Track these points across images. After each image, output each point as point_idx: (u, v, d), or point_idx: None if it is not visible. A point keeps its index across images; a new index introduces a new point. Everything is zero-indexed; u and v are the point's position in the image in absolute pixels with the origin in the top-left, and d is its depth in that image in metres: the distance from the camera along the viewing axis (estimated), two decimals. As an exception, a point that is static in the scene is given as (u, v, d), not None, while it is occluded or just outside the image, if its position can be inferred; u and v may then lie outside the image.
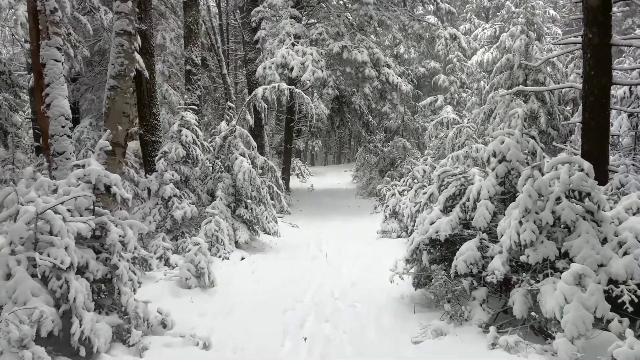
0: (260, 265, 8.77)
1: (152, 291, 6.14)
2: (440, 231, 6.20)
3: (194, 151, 10.16)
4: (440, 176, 7.23)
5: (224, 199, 10.09)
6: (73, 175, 4.84)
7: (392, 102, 18.17)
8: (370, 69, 17.20)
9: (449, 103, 25.39)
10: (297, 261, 9.41)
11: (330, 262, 9.35)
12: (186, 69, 14.59)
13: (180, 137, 9.97)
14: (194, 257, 6.59)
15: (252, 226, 11.04)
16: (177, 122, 10.11)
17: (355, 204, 20.13)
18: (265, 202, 10.76)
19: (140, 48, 11.95)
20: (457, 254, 5.77)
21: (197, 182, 10.72)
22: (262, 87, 10.66)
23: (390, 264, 8.95)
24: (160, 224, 9.58)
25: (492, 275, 5.09)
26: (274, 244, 11.21)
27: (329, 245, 11.35)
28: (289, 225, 14.33)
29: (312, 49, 16.71)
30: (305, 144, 37.40)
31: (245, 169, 9.82)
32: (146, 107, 12.55)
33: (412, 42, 20.24)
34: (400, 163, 21.97)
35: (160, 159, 9.76)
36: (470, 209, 6.17)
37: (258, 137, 19.63)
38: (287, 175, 21.75)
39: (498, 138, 6.05)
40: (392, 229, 11.88)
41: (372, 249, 10.68)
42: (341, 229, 13.97)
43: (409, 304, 6.66)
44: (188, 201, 9.80)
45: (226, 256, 8.92)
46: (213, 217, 8.91)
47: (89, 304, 4.41)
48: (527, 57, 17.23)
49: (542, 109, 16.68)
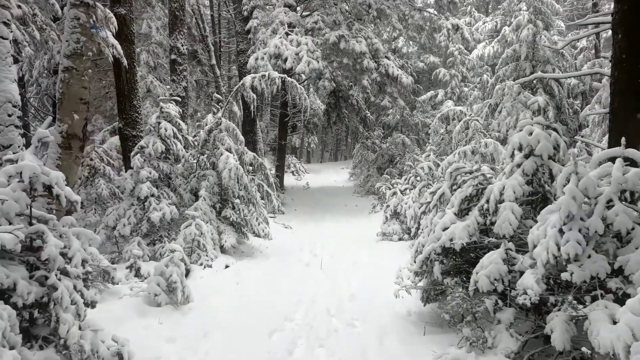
0: (246, 274, 7.78)
1: (113, 311, 5.15)
2: (456, 239, 5.23)
3: (175, 146, 9.18)
4: (453, 174, 6.26)
5: (208, 199, 9.10)
6: (2, 173, 3.85)
7: (392, 96, 17.19)
8: (369, 60, 16.21)
9: (450, 98, 24.47)
10: (288, 268, 8.43)
11: (326, 270, 8.37)
12: (171, 58, 13.56)
13: (159, 130, 8.98)
14: (164, 268, 5.60)
15: (241, 228, 10.05)
16: (156, 113, 9.10)
17: (353, 202, 19.16)
18: (255, 202, 9.78)
19: (118, 33, 10.92)
20: (478, 267, 4.80)
21: (179, 180, 9.74)
22: (251, 76, 9.66)
23: (392, 271, 7.99)
24: (136, 227, 8.59)
25: (524, 296, 4.12)
26: (264, 248, 10.22)
27: (324, 250, 10.38)
28: (282, 226, 13.36)
29: (307, 38, 15.70)
30: (301, 141, 36.38)
31: (231, 166, 8.83)
32: (126, 98, 11.55)
33: (413, 33, 19.24)
34: (400, 160, 21.03)
35: (136, 155, 8.76)
36: (491, 212, 5.20)
37: (250, 132, 18.63)
38: (281, 173, 20.76)
39: (525, 128, 5.08)
40: (394, 231, 10.92)
41: (372, 253, 9.71)
42: (338, 230, 13.00)
43: (417, 322, 5.70)
44: (167, 201, 8.82)
45: (208, 264, 7.93)
46: (194, 220, 7.92)
47: (13, 338, 3.42)
48: (534, 48, 16.27)
49: (551, 102, 15.72)
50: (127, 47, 11.46)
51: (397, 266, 8.24)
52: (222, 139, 9.32)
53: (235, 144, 9.54)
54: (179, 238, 7.85)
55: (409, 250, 9.71)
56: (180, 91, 13.41)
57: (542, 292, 4.11)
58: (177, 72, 13.48)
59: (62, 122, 5.27)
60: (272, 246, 10.57)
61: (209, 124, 9.68)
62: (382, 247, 10.20)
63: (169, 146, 9.13)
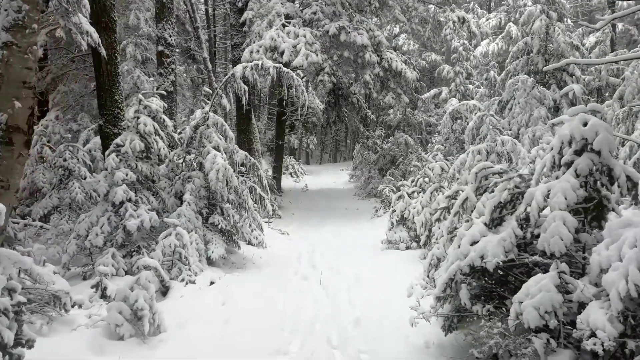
0: (234, 292, 6.73)
1: (60, 348, 4.11)
2: (488, 256, 4.19)
3: (156, 144, 8.14)
4: (479, 175, 5.23)
5: (193, 204, 8.05)
6: None
7: (396, 92, 16.17)
8: (371, 54, 15.17)
9: (454, 95, 23.46)
10: (283, 284, 7.38)
11: (326, 285, 7.33)
12: (158, 49, 12.53)
13: (137, 126, 7.94)
14: (128, 292, 4.56)
15: (231, 237, 9.02)
16: (134, 107, 8.07)
17: (354, 205, 18.12)
18: (247, 207, 8.74)
19: (97, 21, 9.95)
20: (521, 294, 3.76)
21: (164, 182, 8.70)
22: (242, 65, 8.62)
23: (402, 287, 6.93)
24: (110, 236, 7.55)
25: (593, 340, 3.08)
26: (257, 258, 9.18)
27: (324, 259, 9.34)
28: (278, 232, 12.32)
29: (305, 30, 14.68)
30: (300, 142, 35.33)
31: (219, 166, 7.78)
32: (107, 93, 10.53)
33: (417, 26, 18.23)
34: (403, 161, 20.03)
35: (111, 154, 7.72)
36: (533, 224, 4.17)
37: (245, 131, 17.58)
38: (278, 174, 19.71)
39: (578, 117, 4.04)
40: (400, 238, 9.88)
41: (377, 264, 8.67)
42: (338, 236, 11.96)
43: (438, 357, 4.66)
44: (147, 207, 7.78)
45: (191, 279, 6.88)
46: (174, 229, 6.87)
47: None
48: (547, 40, 15.25)
49: (565, 98, 14.70)
50: (108, 36, 10.45)
51: (407, 280, 7.21)
52: (209, 136, 8.28)
53: (225, 141, 8.49)
54: (157, 250, 6.81)
55: (419, 261, 8.68)
56: (167, 85, 12.38)
57: (618, 334, 3.07)
58: (165, 65, 12.45)
59: (1, 111, 4.23)
60: (267, 255, 9.53)
61: (195, 119, 8.65)
62: (388, 257, 9.16)
63: (150, 144, 8.10)
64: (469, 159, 9.45)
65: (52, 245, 8.64)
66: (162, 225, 8.01)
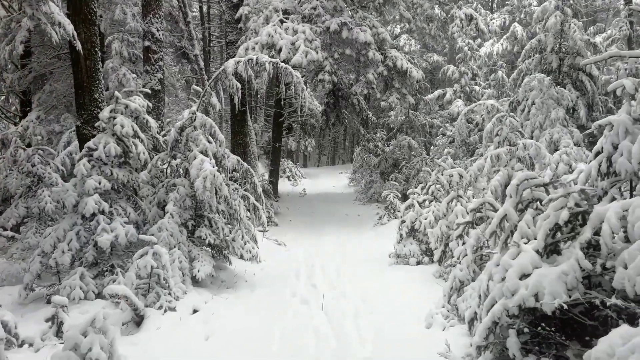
0: (221, 322, 5.72)
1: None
2: (545, 295, 3.21)
3: (135, 148, 7.14)
4: (520, 187, 4.25)
5: (176, 216, 7.05)
6: None
7: (400, 92, 15.20)
8: (375, 52, 14.20)
9: (459, 97, 22.54)
10: (279, 310, 6.37)
11: (329, 311, 6.32)
12: (144, 45, 11.53)
13: (113, 127, 6.94)
14: (79, 339, 3.55)
15: (221, 251, 8.04)
16: (110, 106, 7.08)
17: (355, 211, 17.15)
18: (238, 218, 7.74)
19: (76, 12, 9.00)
20: (600, 352, 2.78)
21: (147, 189, 7.72)
22: (234, 60, 7.63)
23: (418, 314, 5.97)
24: (80, 254, 6.54)
25: None
26: (250, 275, 8.19)
27: (325, 275, 8.34)
28: (274, 242, 11.33)
29: (304, 26, 13.71)
30: (298, 144, 34.29)
31: (206, 173, 6.78)
32: (85, 91, 9.55)
33: (422, 23, 17.26)
34: (406, 164, 19.09)
35: (81, 160, 6.72)
36: (605, 254, 3.19)
37: (240, 133, 16.62)
38: (275, 178, 18.72)
39: None
40: (410, 252, 8.89)
41: (386, 283, 7.67)
42: (340, 247, 10.96)
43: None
44: (123, 220, 6.77)
45: (171, 306, 5.87)
46: (151, 247, 5.86)
47: None
48: (562, 37, 14.31)
49: (581, 99, 13.76)
50: (87, 28, 9.47)
51: (422, 304, 6.25)
52: (196, 139, 7.28)
53: (215, 144, 7.50)
54: (130, 272, 5.80)
55: (433, 279, 7.70)
56: (154, 84, 11.38)
57: None
58: (152, 62, 11.45)
59: None
60: (261, 271, 8.54)
61: (181, 120, 7.65)
62: (397, 274, 8.16)
63: (128, 148, 7.10)
64: (487, 165, 8.48)
65: (18, 259, 7.65)
66: (141, 241, 7.02)
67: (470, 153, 19.45)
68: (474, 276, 5.85)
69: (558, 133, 11.89)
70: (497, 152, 8.65)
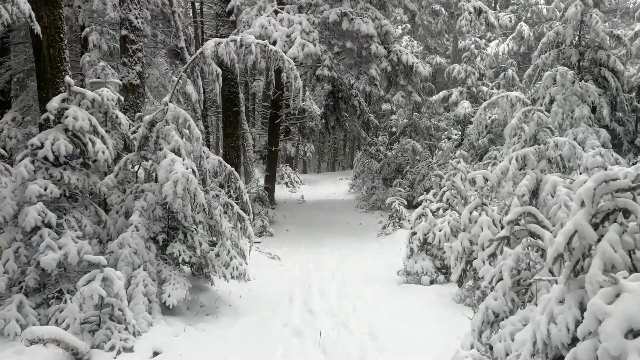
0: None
1: None
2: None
3: (93, 146, 5.89)
4: (597, 192, 2.99)
5: (143, 229, 5.79)
6: None
7: (406, 90, 13.97)
8: (378, 45, 13.02)
9: (465, 98, 21.34)
10: (267, 347, 5.09)
11: (328, 349, 5.04)
12: (121, 34, 10.30)
13: (63, 121, 5.70)
14: None
15: (201, 270, 6.77)
16: (60, 95, 5.85)
17: (356, 219, 15.91)
18: (220, 230, 6.48)
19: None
20: None
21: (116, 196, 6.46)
22: (214, 41, 6.42)
23: (442, 352, 4.71)
24: (19, 277, 5.27)
25: None
26: (235, 298, 6.92)
27: (324, 299, 7.06)
28: (267, 256, 10.07)
29: (301, 16, 12.54)
30: (296, 149, 33.05)
31: (178, 176, 5.53)
32: (48, 83, 8.47)
33: (428, 17, 16.09)
34: (410, 169, 17.90)
35: (23, 160, 5.47)
36: None
37: (232, 135, 15.40)
38: (271, 184, 17.45)
39: None
40: (423, 269, 7.63)
41: (397, 309, 6.39)
42: (341, 262, 9.70)
43: None
44: (75, 234, 5.51)
45: (127, 345, 4.59)
46: (101, 272, 4.58)
47: None
48: (581, 30, 13.14)
49: (604, 97, 12.54)
50: (50, 11, 8.36)
51: (446, 343, 4.97)
52: (167, 135, 6.04)
53: (192, 142, 6.25)
54: (72, 304, 4.53)
55: (453, 304, 6.42)
56: (132, 77, 10.15)
57: None
58: (129, 53, 10.22)
59: None
60: (249, 292, 7.28)
61: (152, 114, 6.41)
62: (409, 297, 6.88)
63: (84, 146, 5.86)
64: (513, 167, 7.23)
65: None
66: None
67: (479, 157, 18.26)
68: (513, 307, 4.59)
69: (583, 133, 10.66)
70: (524, 152, 7.41)
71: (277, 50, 6.60)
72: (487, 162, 14.45)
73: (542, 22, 25.14)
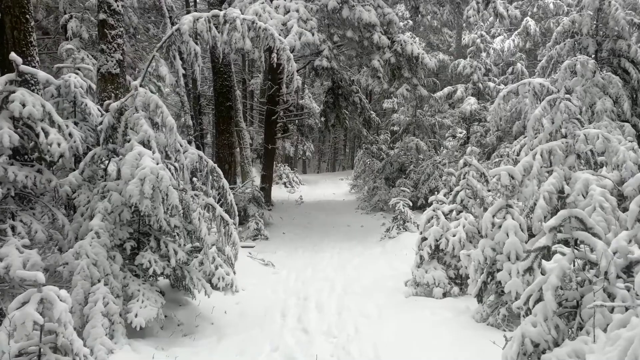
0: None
1: None
2: None
3: (45, 136, 4.95)
4: None
5: (105, 234, 4.86)
6: None
7: (411, 83, 13.04)
8: (381, 35, 12.09)
9: (471, 94, 20.42)
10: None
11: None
12: (99, 18, 9.34)
13: (9, 106, 4.77)
14: None
15: (180, 282, 5.83)
16: (4, 77, 4.93)
17: (357, 221, 14.97)
18: (200, 237, 5.55)
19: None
20: None
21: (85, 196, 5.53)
22: (193, 15, 5.50)
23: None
24: (-51, 294, 4.34)
25: None
26: (219, 314, 5.99)
27: (322, 315, 6.13)
28: (260, 262, 9.14)
29: (298, 3, 11.61)
30: (295, 149, 32.09)
31: (145, 172, 4.60)
32: (12, 70, 7.43)
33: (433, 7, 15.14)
34: (414, 169, 17.00)
35: (-43, 152, 4.54)
36: None
37: (225, 132, 14.43)
38: (268, 184, 16.50)
39: None
40: (434, 279, 6.68)
41: (406, 329, 5.45)
42: (341, 270, 8.76)
43: None
44: (21, 242, 4.57)
45: (72, 384, 3.67)
46: (38, 292, 3.63)
47: None
48: (598, 18, 12.21)
49: (624, 90, 11.60)
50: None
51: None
52: (136, 124, 5.11)
53: (164, 132, 5.31)
54: (0, 332, 3.59)
55: (473, 323, 5.48)
56: (112, 66, 9.19)
57: None
58: (108, 39, 9.23)
59: None
60: (236, 306, 6.36)
61: (120, 101, 5.48)
62: (420, 315, 5.93)
63: (36, 137, 4.93)
64: (537, 164, 6.31)
65: None
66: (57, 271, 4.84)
67: (487, 155, 17.35)
68: (557, 337, 3.66)
69: (606, 127, 9.72)
70: (550, 146, 6.50)
71: (267, 28, 5.67)
72: (497, 161, 13.54)
73: (549, 17, 24.26)
